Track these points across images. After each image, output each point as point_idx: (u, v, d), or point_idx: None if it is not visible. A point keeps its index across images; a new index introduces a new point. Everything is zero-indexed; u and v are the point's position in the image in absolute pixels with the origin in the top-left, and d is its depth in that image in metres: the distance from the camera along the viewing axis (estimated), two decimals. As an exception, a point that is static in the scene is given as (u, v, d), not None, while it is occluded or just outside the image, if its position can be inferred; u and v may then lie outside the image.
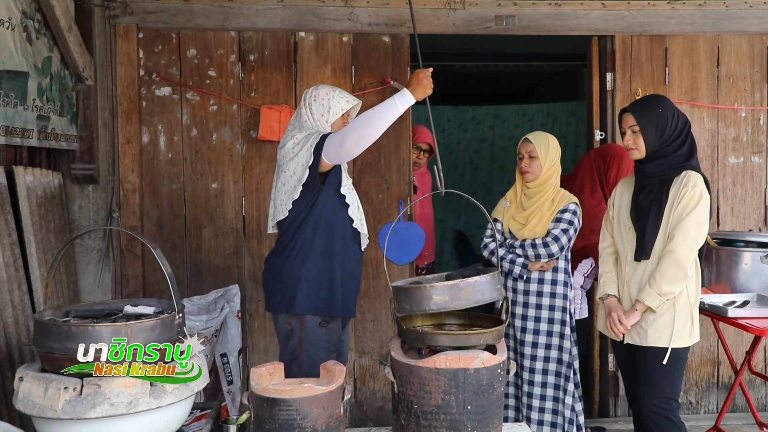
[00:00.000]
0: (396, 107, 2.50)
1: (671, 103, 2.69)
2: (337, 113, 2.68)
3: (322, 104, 2.68)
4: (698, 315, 2.65)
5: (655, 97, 2.76)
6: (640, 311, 2.60)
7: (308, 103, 2.69)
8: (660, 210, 2.60)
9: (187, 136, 3.66)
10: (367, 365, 3.83)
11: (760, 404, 4.13)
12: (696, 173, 2.59)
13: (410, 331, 2.25)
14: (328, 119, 2.68)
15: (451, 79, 7.12)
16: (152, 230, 3.65)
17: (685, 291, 2.58)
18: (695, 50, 3.99)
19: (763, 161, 4.08)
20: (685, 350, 2.62)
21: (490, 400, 2.18)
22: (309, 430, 2.09)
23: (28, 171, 3.05)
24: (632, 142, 2.67)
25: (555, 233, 3.04)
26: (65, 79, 3.36)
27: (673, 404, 2.61)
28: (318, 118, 2.67)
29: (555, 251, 3.02)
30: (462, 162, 6.55)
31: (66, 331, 1.98)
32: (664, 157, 2.63)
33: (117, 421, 1.95)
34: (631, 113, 2.67)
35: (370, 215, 3.78)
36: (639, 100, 2.82)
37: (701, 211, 2.54)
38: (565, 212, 3.09)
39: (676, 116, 2.64)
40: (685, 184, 2.56)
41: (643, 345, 2.61)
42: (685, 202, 2.54)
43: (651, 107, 2.66)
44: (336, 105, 2.68)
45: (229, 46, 3.68)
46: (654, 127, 2.62)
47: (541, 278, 3.10)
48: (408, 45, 3.79)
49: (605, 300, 2.75)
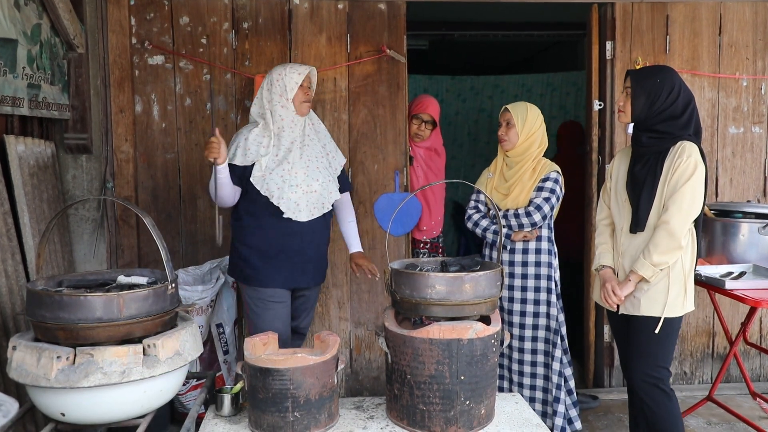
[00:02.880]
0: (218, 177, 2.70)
1: (677, 77, 2.61)
2: (293, 88, 2.82)
3: (279, 86, 2.83)
4: (693, 285, 2.64)
5: (660, 67, 2.69)
6: (633, 282, 2.60)
7: (267, 89, 2.85)
8: (654, 182, 2.58)
9: (181, 105, 3.62)
10: (362, 336, 3.84)
11: (754, 374, 4.15)
12: (691, 143, 2.55)
13: (404, 302, 2.24)
14: (288, 97, 2.82)
15: (451, 50, 7.05)
16: (147, 201, 3.63)
17: (680, 261, 2.57)
18: (697, 18, 3.92)
19: (763, 131, 4.04)
20: (678, 320, 2.62)
21: (483, 371, 2.18)
22: (302, 399, 2.10)
23: (19, 140, 3.02)
24: (622, 104, 2.68)
25: (537, 202, 3.07)
26: (56, 47, 3.30)
27: (663, 373, 2.62)
28: (278, 100, 2.82)
29: (538, 220, 3.05)
30: (460, 133, 6.50)
31: (58, 301, 1.97)
32: (653, 131, 2.59)
33: (110, 390, 1.96)
34: (630, 75, 2.66)
35: (366, 186, 3.76)
36: (647, 66, 2.76)
37: (696, 181, 2.51)
38: (547, 181, 3.12)
39: (675, 91, 2.57)
40: (680, 155, 2.53)
41: (636, 314, 2.62)
42: (679, 173, 2.51)
43: (649, 74, 2.62)
44: (290, 81, 2.81)
45: (222, 13, 3.62)
46: (645, 94, 2.59)
47: (526, 248, 3.13)
48: (404, 13, 3.73)
49: (600, 271, 2.76)
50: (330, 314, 3.80)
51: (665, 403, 2.62)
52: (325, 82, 3.69)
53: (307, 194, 2.83)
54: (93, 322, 1.96)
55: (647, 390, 2.62)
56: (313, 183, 2.85)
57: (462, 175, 6.28)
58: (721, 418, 3.61)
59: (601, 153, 3.98)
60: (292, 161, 2.82)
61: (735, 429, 3.50)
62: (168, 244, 3.46)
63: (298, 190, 2.81)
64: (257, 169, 2.80)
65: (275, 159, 2.82)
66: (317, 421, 2.14)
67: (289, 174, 2.80)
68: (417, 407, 2.17)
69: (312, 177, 2.85)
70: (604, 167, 3.96)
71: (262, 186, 2.78)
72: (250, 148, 2.81)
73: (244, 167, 2.80)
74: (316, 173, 2.87)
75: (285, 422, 2.10)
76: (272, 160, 2.82)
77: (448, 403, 2.14)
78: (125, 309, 2.00)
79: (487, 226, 3.18)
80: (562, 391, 3.11)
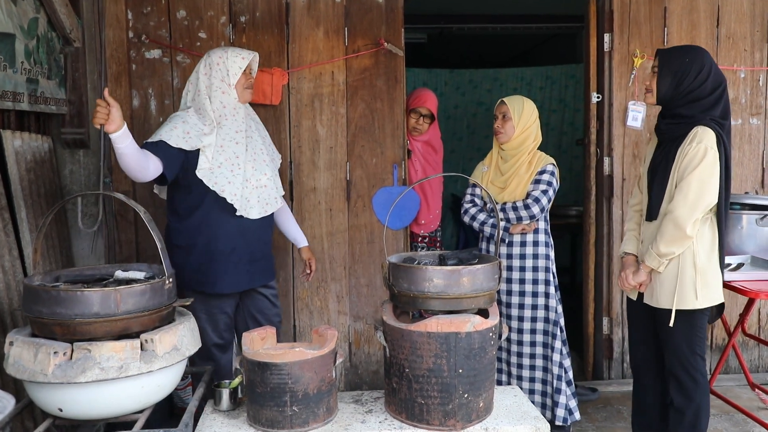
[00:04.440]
0: (115, 146, 2.38)
1: (707, 58, 2.53)
2: (236, 73, 2.68)
3: (219, 70, 2.67)
4: (716, 278, 2.56)
5: (690, 47, 2.60)
6: (644, 271, 2.61)
7: (204, 73, 2.69)
8: (667, 169, 2.54)
9: (178, 99, 3.60)
10: (361, 330, 3.84)
11: (753, 366, 4.16)
12: (705, 128, 2.45)
13: (402, 296, 2.24)
14: (230, 83, 2.68)
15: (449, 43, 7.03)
16: (145, 195, 3.62)
17: (690, 252, 2.52)
18: (695, 9, 3.91)
19: (761, 123, 4.03)
20: (698, 313, 2.56)
21: (481, 364, 2.18)
22: (300, 393, 2.10)
23: (16, 135, 3.01)
24: (649, 84, 2.63)
25: (535, 195, 3.08)
26: (52, 41, 3.29)
27: (696, 361, 2.59)
28: (219, 85, 2.67)
29: (537, 212, 3.06)
30: (459, 127, 6.50)
31: (55, 296, 1.97)
32: (682, 116, 2.52)
33: (108, 386, 1.96)
34: (658, 54, 2.61)
35: (365, 180, 3.75)
36: (677, 45, 2.68)
37: (705, 169, 2.42)
38: (544, 173, 3.13)
39: (705, 72, 2.49)
40: (690, 141, 2.46)
41: (654, 306, 2.63)
42: (687, 160, 2.45)
43: (678, 54, 2.56)
44: (233, 65, 2.68)
45: (219, 7, 3.60)
46: (672, 74, 2.52)
47: (523, 241, 3.15)
48: (402, 6, 3.71)
49: (623, 258, 2.78)
50: (329, 308, 3.80)
51: (692, 390, 2.61)
52: (323, 76, 3.68)
53: (257, 189, 2.70)
54: (90, 317, 1.95)
55: (678, 375, 2.63)
56: (262, 177, 2.73)
57: (461, 168, 6.29)
58: (719, 409, 3.61)
59: (600, 145, 3.97)
60: (238, 153, 2.67)
61: (734, 420, 3.51)
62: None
63: (248, 185, 2.68)
64: (204, 161, 2.62)
65: (219, 149, 2.66)
66: (316, 415, 2.14)
67: (239, 168, 2.65)
68: (415, 401, 2.17)
69: (260, 171, 2.72)
70: (603, 160, 3.95)
71: (210, 180, 2.62)
72: (190, 132, 2.62)
73: (185, 153, 2.61)
74: (264, 167, 2.75)
75: (283, 416, 2.10)
76: (217, 152, 2.65)
77: (447, 397, 2.14)
78: (122, 304, 2.00)
79: (484, 219, 3.20)
80: (563, 382, 3.12)
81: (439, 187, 3.92)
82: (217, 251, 2.70)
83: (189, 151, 2.62)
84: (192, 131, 2.63)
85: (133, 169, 2.46)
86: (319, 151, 3.70)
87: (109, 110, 2.30)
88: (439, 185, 3.93)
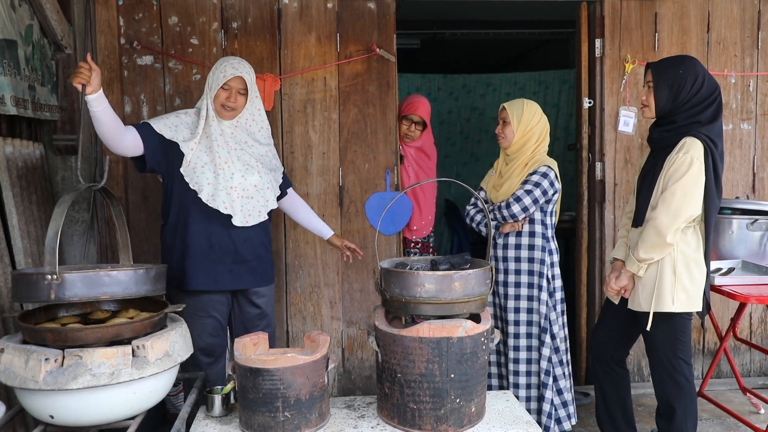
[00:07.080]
0: (91, 110, 2.48)
1: (699, 66, 2.57)
2: (213, 89, 2.71)
3: (211, 78, 2.74)
4: (698, 285, 2.58)
5: (682, 57, 2.62)
6: (624, 275, 2.65)
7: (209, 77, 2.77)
8: (655, 177, 2.58)
9: (171, 105, 3.60)
10: (355, 335, 3.84)
11: (744, 370, 4.17)
12: (694, 139, 2.48)
13: (394, 301, 2.24)
14: (211, 95, 2.72)
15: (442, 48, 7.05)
16: (137, 201, 3.61)
17: (670, 258, 2.56)
18: (686, 15, 3.94)
19: (752, 128, 4.06)
20: (678, 317, 2.60)
21: (473, 369, 2.19)
22: (293, 399, 2.10)
23: (7, 141, 3.00)
24: (645, 99, 2.65)
25: (518, 194, 3.10)
26: (44, 48, 3.29)
27: (680, 364, 2.63)
28: (208, 92, 2.74)
29: (516, 211, 3.07)
30: (453, 132, 6.51)
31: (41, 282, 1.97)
32: (674, 123, 2.55)
33: (99, 392, 1.96)
34: (650, 68, 2.63)
35: (357, 185, 3.75)
36: (666, 57, 2.71)
37: (689, 180, 2.45)
38: (534, 174, 3.12)
39: (699, 81, 2.53)
40: (678, 150, 2.50)
41: (636, 310, 2.67)
42: (673, 170, 2.49)
43: (672, 65, 2.58)
44: (217, 77, 2.71)
45: (211, 13, 3.61)
46: (668, 86, 2.55)
47: (518, 243, 3.16)
48: (394, 11, 3.73)
49: (612, 263, 2.83)
50: (322, 314, 3.80)
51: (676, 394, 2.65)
52: (315, 82, 3.69)
53: (242, 199, 2.71)
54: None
55: (661, 379, 2.68)
56: (250, 188, 2.74)
57: (454, 173, 6.29)
58: (711, 414, 3.63)
59: (591, 151, 3.99)
60: (225, 159, 2.69)
61: (726, 424, 3.52)
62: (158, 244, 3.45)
63: (233, 193, 2.69)
64: (186, 160, 2.68)
65: (207, 150, 2.70)
66: (308, 421, 2.14)
67: (222, 169, 2.68)
68: (407, 406, 2.17)
69: (249, 181, 2.73)
70: (595, 165, 3.97)
71: (192, 179, 2.67)
72: (178, 126, 2.70)
73: (166, 142, 2.67)
74: (254, 177, 2.75)
75: (275, 422, 2.10)
76: (202, 152, 2.70)
77: (439, 402, 2.15)
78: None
79: (480, 220, 3.27)
80: (548, 389, 3.11)
81: (432, 193, 3.93)
82: (192, 245, 2.72)
83: (173, 146, 2.69)
84: (180, 125, 2.71)
85: (107, 135, 2.55)
86: (312, 157, 3.71)
87: (90, 73, 2.38)
88: (432, 191, 3.93)
